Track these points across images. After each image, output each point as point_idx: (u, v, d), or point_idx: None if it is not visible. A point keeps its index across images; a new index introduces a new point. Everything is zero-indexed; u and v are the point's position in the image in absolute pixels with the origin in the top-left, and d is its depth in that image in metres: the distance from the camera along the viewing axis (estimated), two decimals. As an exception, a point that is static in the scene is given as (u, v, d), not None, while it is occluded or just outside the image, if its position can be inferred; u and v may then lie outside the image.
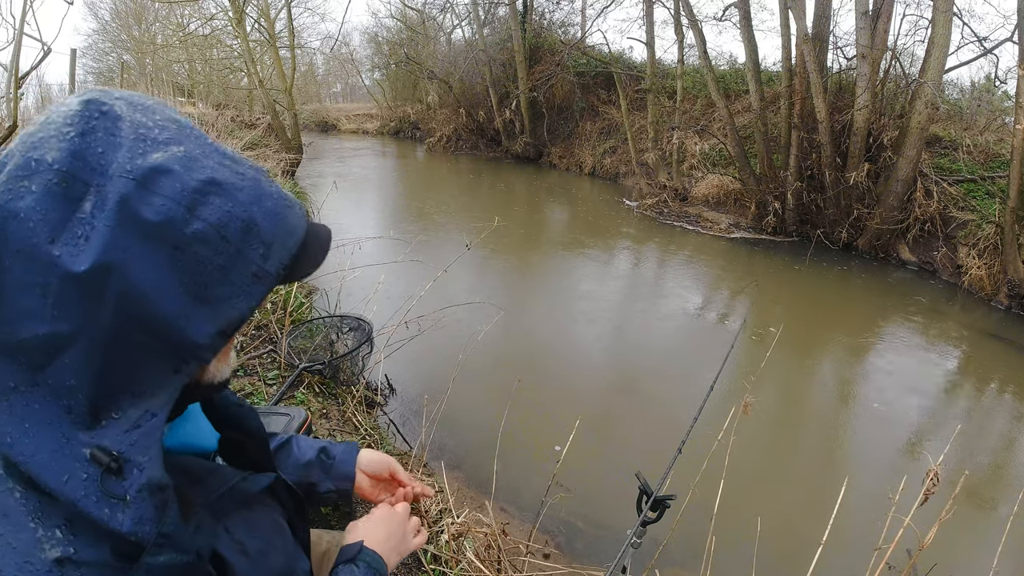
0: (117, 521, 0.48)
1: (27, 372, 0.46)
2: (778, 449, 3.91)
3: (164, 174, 0.46)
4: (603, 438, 3.71)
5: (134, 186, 0.45)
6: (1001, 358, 5.38)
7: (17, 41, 4.59)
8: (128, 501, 0.48)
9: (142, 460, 0.49)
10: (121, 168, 0.45)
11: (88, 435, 0.47)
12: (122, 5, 21.47)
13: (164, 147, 0.48)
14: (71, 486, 0.47)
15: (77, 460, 0.47)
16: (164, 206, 0.46)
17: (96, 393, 0.47)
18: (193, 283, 0.48)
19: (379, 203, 11.38)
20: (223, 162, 0.51)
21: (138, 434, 0.49)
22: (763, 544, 2.16)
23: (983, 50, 9.14)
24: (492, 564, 2.15)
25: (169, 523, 0.51)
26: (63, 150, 0.45)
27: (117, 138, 0.46)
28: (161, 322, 0.47)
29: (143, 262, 0.45)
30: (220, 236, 0.49)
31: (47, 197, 0.44)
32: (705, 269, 7.73)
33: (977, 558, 2.75)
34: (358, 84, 27.99)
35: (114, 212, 0.45)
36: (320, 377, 3.26)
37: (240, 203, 0.50)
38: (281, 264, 0.54)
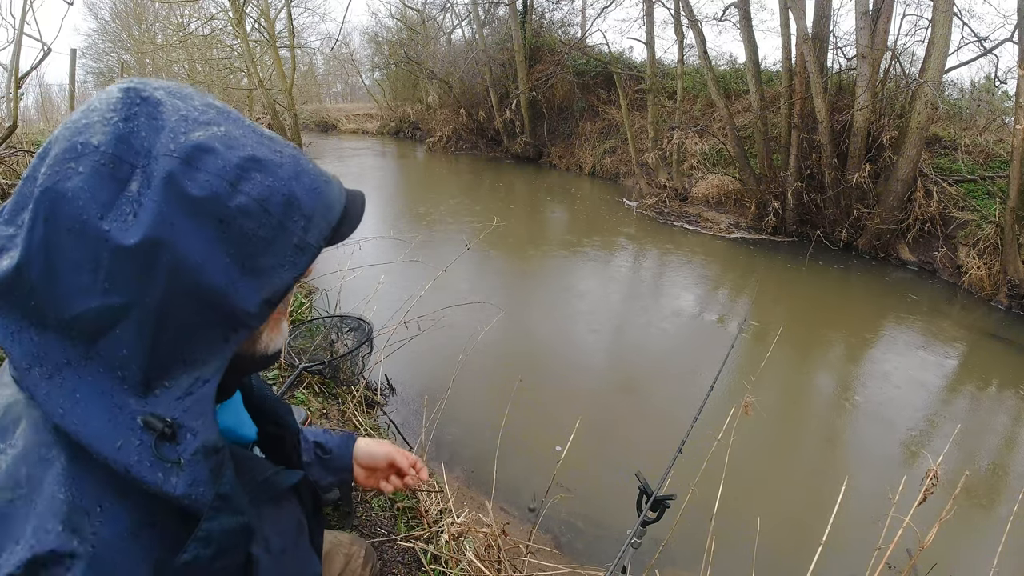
0: (171, 485, 0.49)
1: (80, 346, 0.48)
2: (778, 449, 3.91)
3: (207, 152, 0.49)
4: (603, 438, 3.71)
5: (178, 163, 0.47)
6: (1001, 358, 5.38)
7: (17, 41, 4.59)
8: (182, 464, 0.50)
9: (195, 425, 0.51)
10: (165, 148, 0.48)
11: (141, 403, 0.49)
12: (122, 5, 21.47)
13: (205, 127, 0.50)
14: (124, 452, 0.48)
15: (130, 427, 0.49)
16: (208, 182, 0.48)
17: (148, 363, 0.49)
18: (239, 254, 0.50)
19: (379, 203, 11.38)
20: (262, 141, 0.53)
21: (191, 400, 0.50)
22: (763, 544, 2.16)
23: (983, 50, 9.14)
24: (492, 564, 2.15)
25: (226, 483, 0.53)
26: (108, 133, 0.47)
27: (159, 121, 0.49)
28: (210, 292, 0.49)
29: (191, 235, 0.47)
30: (263, 209, 0.51)
31: (95, 177, 0.46)
32: (705, 269, 7.73)
33: (977, 558, 2.75)
34: (358, 84, 27.99)
35: (161, 189, 0.47)
36: (320, 377, 3.26)
37: (280, 178, 0.52)
38: (322, 236, 0.57)
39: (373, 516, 2.38)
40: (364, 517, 2.35)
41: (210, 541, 0.52)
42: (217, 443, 0.53)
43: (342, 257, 4.11)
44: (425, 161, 17.00)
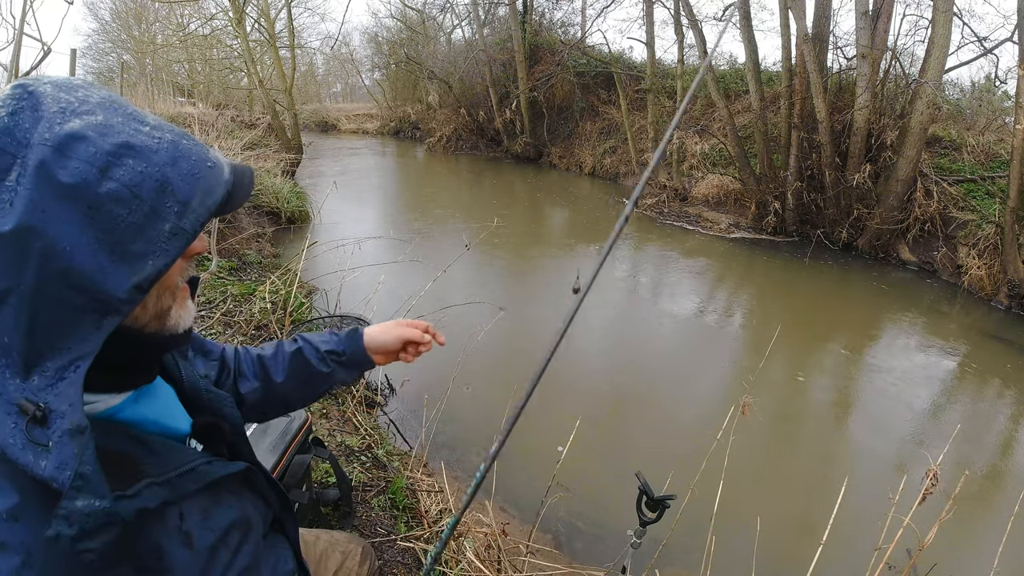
0: (40, 467, 0.50)
1: None
2: (778, 449, 3.91)
3: (79, 140, 0.50)
4: (603, 438, 3.71)
5: (50, 151, 0.49)
6: (1001, 358, 5.38)
7: (17, 41, 4.59)
8: (50, 447, 0.50)
9: (64, 408, 0.51)
10: (40, 137, 0.49)
11: (20, 387, 0.51)
12: (122, 5, 21.47)
13: (81, 116, 0.51)
14: (2, 433, 0.50)
15: (7, 411, 0.50)
16: (78, 168, 0.49)
17: (27, 348, 0.50)
18: (109, 240, 0.51)
19: (379, 203, 11.38)
20: (141, 128, 0.54)
21: (63, 385, 0.51)
22: (763, 544, 2.16)
23: (983, 50, 9.14)
24: (492, 564, 2.15)
25: (86, 464, 0.52)
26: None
27: (39, 113, 0.50)
28: (80, 277, 0.50)
29: (61, 221, 0.49)
30: (133, 195, 0.51)
31: None
32: (705, 269, 7.73)
33: (977, 558, 2.75)
34: (358, 84, 27.99)
35: (33, 176, 0.48)
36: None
37: (155, 164, 0.53)
38: (199, 221, 0.56)
39: (373, 516, 2.38)
40: (364, 517, 2.35)
41: (70, 520, 0.51)
42: (81, 424, 0.52)
43: (342, 257, 4.11)
44: (425, 161, 17.00)
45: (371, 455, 2.80)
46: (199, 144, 0.58)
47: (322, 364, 1.05)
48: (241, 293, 4.06)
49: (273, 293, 3.96)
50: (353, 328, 1.10)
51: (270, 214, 7.48)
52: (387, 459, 2.85)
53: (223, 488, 0.70)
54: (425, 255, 5.84)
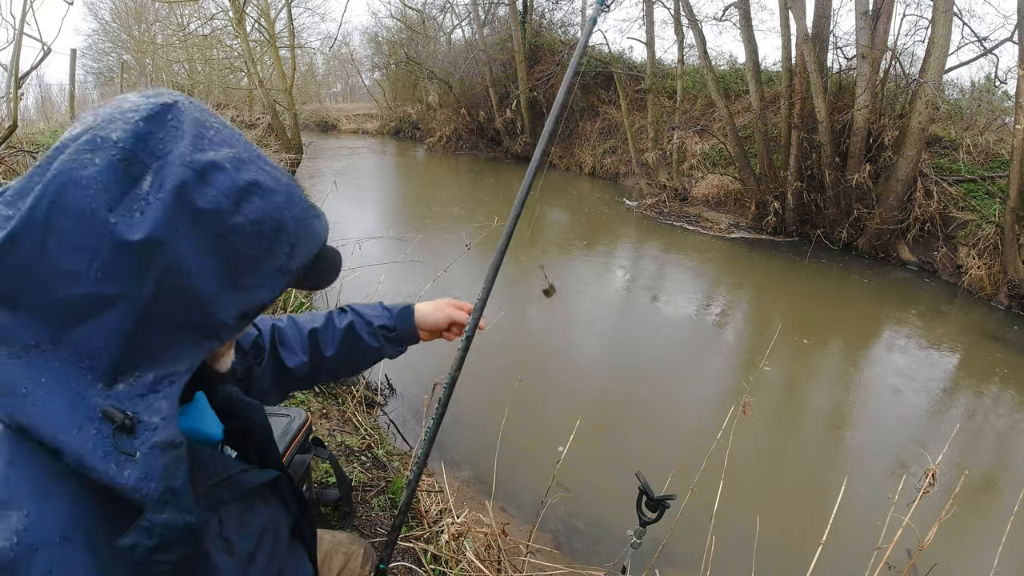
0: (123, 477, 0.49)
1: (52, 330, 0.49)
2: (778, 449, 3.91)
3: (219, 170, 0.52)
4: (603, 438, 3.71)
5: (192, 175, 0.50)
6: (1001, 358, 5.38)
7: (17, 41, 4.59)
8: (137, 458, 0.50)
9: (156, 421, 0.51)
10: (182, 157, 0.50)
11: (103, 394, 0.50)
12: (122, 5, 21.46)
13: (219, 146, 0.53)
14: (80, 438, 0.48)
15: (89, 416, 0.49)
16: (215, 198, 0.51)
17: (121, 355, 0.50)
18: (228, 269, 0.53)
19: (379, 203, 11.37)
20: (264, 167, 0.57)
21: (154, 398, 0.51)
22: (763, 544, 2.16)
23: (983, 50, 9.14)
24: (492, 564, 2.15)
25: (178, 479, 0.52)
26: (127, 131, 0.49)
27: (179, 130, 0.51)
28: (196, 298, 0.51)
29: (190, 243, 0.50)
30: (256, 231, 0.54)
31: (109, 170, 0.48)
32: (705, 269, 7.73)
33: (977, 558, 2.75)
34: (358, 84, 27.98)
35: (171, 194, 0.49)
36: (320, 377, 3.26)
37: (276, 205, 0.56)
38: (302, 264, 0.59)
39: (373, 516, 2.38)
40: (364, 517, 2.35)
41: (152, 532, 0.51)
42: (176, 439, 0.53)
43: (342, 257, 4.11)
44: (425, 161, 17.00)
45: (371, 455, 2.80)
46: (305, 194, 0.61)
47: (373, 339, 1.08)
48: (241, 293, 4.05)
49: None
50: (407, 305, 1.13)
51: (270, 214, 7.46)
52: (387, 459, 2.86)
53: (255, 496, 0.71)
54: (425, 255, 5.83)
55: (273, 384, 1.02)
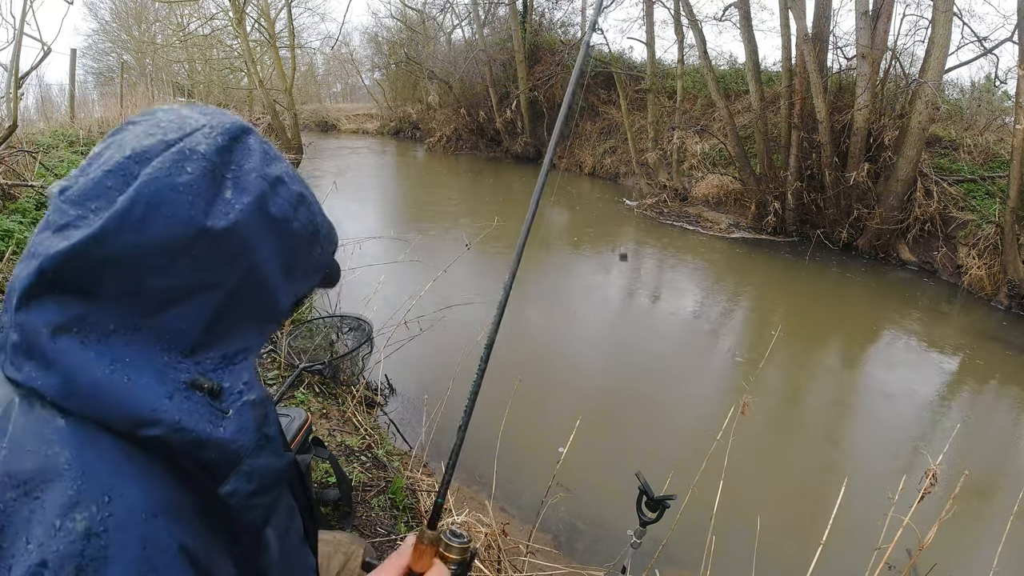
0: (219, 432, 0.56)
1: (133, 317, 0.54)
2: (778, 449, 3.91)
3: (282, 183, 0.61)
4: (603, 438, 3.71)
5: (267, 186, 0.59)
6: (1001, 358, 5.38)
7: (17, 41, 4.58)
8: (230, 415, 0.57)
9: (240, 386, 0.59)
10: (259, 171, 0.59)
11: (185, 366, 0.56)
12: (122, 5, 21.46)
13: (277, 163, 0.62)
14: (175, 404, 0.54)
15: (177, 386, 0.55)
16: (283, 207, 0.60)
17: (200, 336, 0.57)
18: (286, 265, 0.62)
19: (379, 203, 11.38)
20: (301, 182, 0.66)
21: (235, 367, 0.60)
22: (763, 544, 2.16)
23: (983, 50, 9.14)
24: (492, 564, 2.15)
25: (270, 426, 0.62)
26: (212, 146, 0.56)
27: (251, 149, 0.60)
28: (266, 289, 0.60)
29: (265, 243, 0.58)
30: (304, 234, 0.64)
31: (202, 179, 0.55)
32: (705, 269, 7.73)
33: (977, 558, 2.75)
34: (358, 84, 27.97)
35: (253, 201, 0.57)
36: (320, 377, 3.26)
37: (314, 212, 0.66)
38: (328, 261, 0.70)
39: (373, 516, 2.38)
40: (364, 517, 2.35)
41: (252, 476, 0.58)
42: (262, 396, 0.61)
43: (342, 257, 4.10)
44: (425, 161, 17.00)
45: (371, 455, 2.80)
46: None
47: None
48: (241, 293, 4.05)
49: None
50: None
51: (270, 214, 7.46)
52: (387, 459, 2.86)
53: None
54: (425, 255, 5.84)
55: None
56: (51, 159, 5.35)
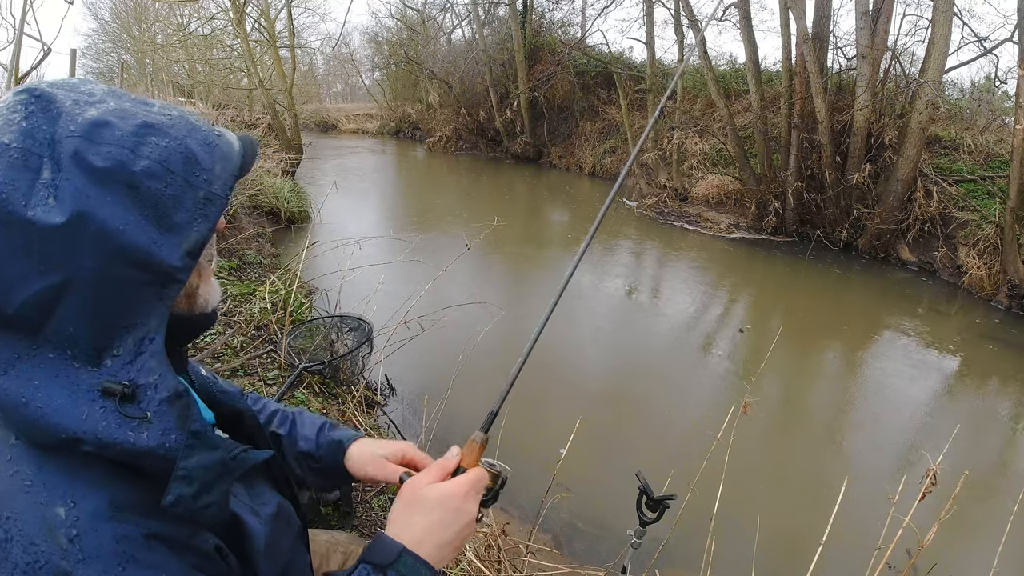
0: (143, 440, 0.53)
1: (27, 338, 0.51)
2: (778, 449, 3.91)
3: (103, 126, 0.52)
4: (603, 438, 3.71)
5: (80, 140, 0.51)
6: (1001, 358, 5.38)
7: (17, 41, 4.59)
8: (149, 418, 0.53)
9: (152, 380, 0.54)
10: (66, 130, 0.51)
11: (95, 374, 0.52)
12: (122, 5, 21.47)
13: (95, 105, 0.53)
14: (91, 422, 0.51)
15: (90, 398, 0.52)
16: (110, 152, 0.51)
17: (95, 334, 0.52)
18: (153, 214, 0.53)
19: (379, 203, 11.38)
20: (151, 109, 0.57)
21: (142, 360, 0.54)
22: (763, 544, 2.16)
23: (983, 50, 9.15)
24: (492, 564, 2.15)
25: (195, 422, 0.56)
26: (14, 132, 0.50)
27: (53, 112, 0.52)
28: (136, 252, 0.52)
29: (106, 204, 0.50)
30: (165, 169, 0.54)
31: (11, 171, 0.49)
32: (705, 269, 7.73)
33: (977, 558, 2.75)
34: (358, 84, 27.98)
35: (71, 167, 0.50)
36: (320, 377, 3.26)
37: (175, 138, 0.55)
38: (227, 186, 0.59)
39: (373, 516, 2.38)
40: (364, 517, 2.35)
41: (191, 479, 0.54)
42: (178, 389, 0.56)
43: (342, 257, 4.11)
44: (425, 161, 17.00)
45: (371, 455, 2.80)
46: (201, 119, 0.61)
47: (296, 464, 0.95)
48: (241, 293, 4.06)
49: (273, 293, 3.96)
50: (338, 440, 0.96)
51: (270, 214, 7.48)
52: (387, 459, 2.85)
53: (256, 475, 0.74)
54: (425, 255, 5.83)
55: None
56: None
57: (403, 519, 0.73)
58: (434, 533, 0.71)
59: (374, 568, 0.68)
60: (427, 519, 0.72)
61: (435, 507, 0.72)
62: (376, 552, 0.70)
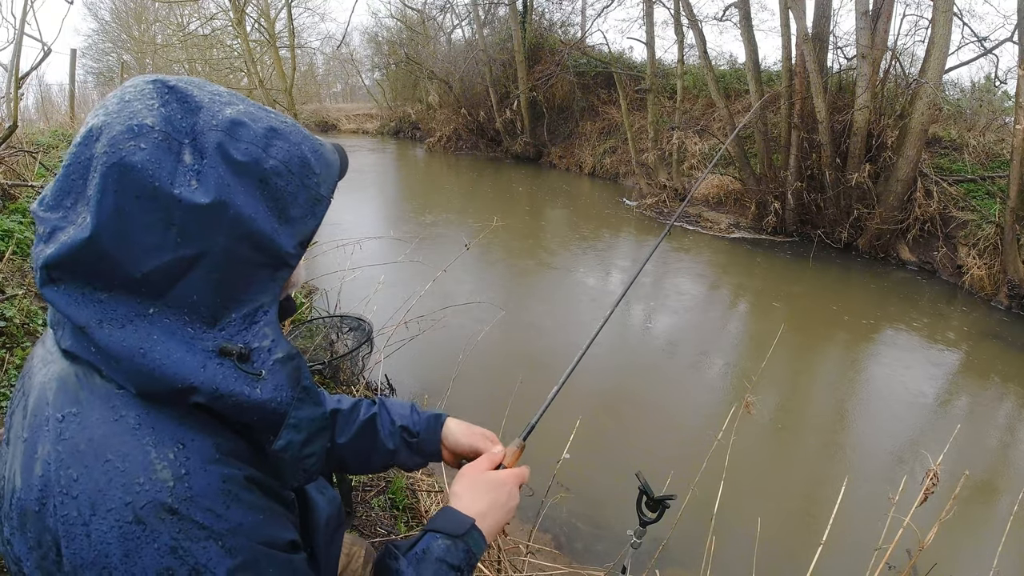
0: (257, 393, 0.58)
1: (148, 300, 0.56)
2: (778, 449, 3.91)
3: (241, 125, 0.58)
4: (603, 438, 3.71)
5: (223, 135, 0.57)
6: (1001, 358, 5.38)
7: (17, 41, 4.58)
8: (264, 376, 0.59)
9: (267, 344, 0.60)
10: (208, 124, 0.57)
11: (210, 335, 0.58)
12: (122, 5, 21.47)
13: (231, 105, 0.60)
14: (209, 373, 0.56)
15: (208, 355, 0.57)
16: (247, 149, 0.58)
17: (216, 303, 0.58)
18: (276, 207, 0.60)
19: (379, 203, 11.38)
20: (271, 115, 0.63)
21: (256, 327, 0.60)
22: (763, 544, 2.16)
23: (983, 50, 9.14)
24: (492, 564, 2.15)
25: (307, 378, 0.63)
26: (156, 116, 0.55)
27: (191, 105, 0.57)
28: (261, 238, 0.58)
29: (242, 193, 0.57)
30: (287, 170, 0.61)
31: (158, 151, 0.54)
32: (705, 269, 7.73)
33: (977, 558, 2.75)
34: (358, 84, 27.95)
35: (215, 156, 0.56)
36: (320, 377, 3.26)
37: (293, 143, 0.62)
38: (331, 189, 0.66)
39: (373, 516, 2.38)
40: (364, 517, 2.35)
41: (299, 427, 0.61)
42: (291, 352, 0.62)
43: (342, 257, 4.11)
44: (425, 161, 17.00)
45: (371, 455, 2.79)
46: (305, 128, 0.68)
47: (389, 439, 1.00)
48: (241, 293, 4.05)
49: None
50: (437, 413, 1.05)
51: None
52: (387, 459, 2.85)
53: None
54: (425, 255, 5.83)
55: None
56: (51, 159, 5.34)
57: (469, 494, 0.84)
58: (494, 510, 0.84)
59: (447, 537, 0.78)
60: (488, 496, 0.85)
61: (496, 488, 0.86)
62: (448, 523, 0.80)
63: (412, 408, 1.05)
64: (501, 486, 0.87)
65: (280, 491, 0.63)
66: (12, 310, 2.59)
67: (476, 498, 0.84)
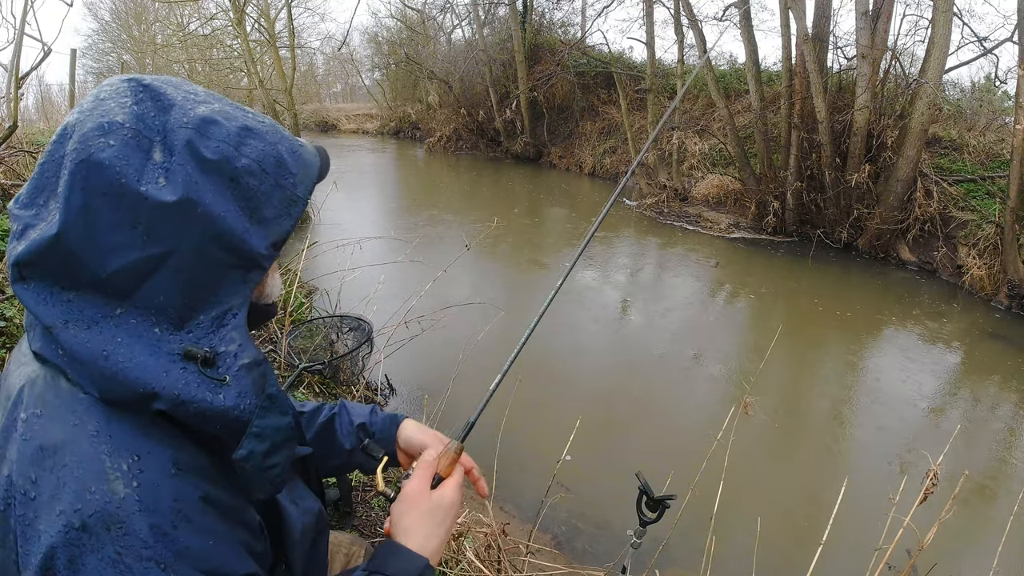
0: (220, 400, 0.57)
1: (114, 300, 0.55)
2: (778, 449, 3.91)
3: (213, 123, 0.57)
4: (603, 438, 3.71)
5: (193, 132, 0.56)
6: (1001, 358, 5.38)
7: (17, 41, 4.58)
8: (228, 381, 0.57)
9: (233, 349, 0.58)
10: (179, 121, 0.56)
11: (177, 338, 0.56)
12: (122, 5, 21.45)
13: (204, 104, 0.59)
14: (171, 378, 0.55)
15: (172, 359, 0.55)
16: (218, 147, 0.57)
17: (183, 305, 0.56)
18: (248, 207, 0.58)
19: (379, 203, 11.38)
20: (247, 114, 0.62)
21: (224, 331, 0.58)
22: (763, 544, 2.16)
23: (983, 50, 9.14)
24: (492, 564, 2.15)
25: (272, 386, 0.61)
26: (127, 114, 0.55)
27: (164, 103, 0.57)
28: (231, 237, 0.57)
29: (211, 192, 0.56)
30: (261, 169, 0.59)
31: (126, 148, 0.53)
32: (705, 269, 7.72)
33: (977, 558, 2.75)
34: (358, 84, 27.93)
35: (184, 154, 0.55)
36: (320, 377, 3.26)
37: (269, 143, 0.61)
38: (308, 190, 0.65)
39: (373, 516, 2.38)
40: (364, 517, 2.35)
41: (262, 436, 0.59)
42: (257, 358, 0.61)
43: (342, 257, 4.11)
44: (425, 161, 17.00)
45: (371, 455, 2.79)
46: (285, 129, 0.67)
47: (347, 440, 0.98)
48: (241, 293, 4.05)
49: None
50: (394, 414, 1.03)
51: (270, 214, 7.46)
52: (387, 459, 2.85)
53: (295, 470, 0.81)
54: (425, 255, 5.83)
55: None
56: (51, 159, 5.34)
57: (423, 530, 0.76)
58: (444, 542, 0.78)
59: None
60: (442, 529, 0.78)
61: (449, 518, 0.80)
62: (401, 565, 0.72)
63: (372, 410, 1.04)
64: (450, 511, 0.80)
65: (242, 514, 0.61)
66: (12, 310, 2.60)
67: (431, 534, 0.76)
